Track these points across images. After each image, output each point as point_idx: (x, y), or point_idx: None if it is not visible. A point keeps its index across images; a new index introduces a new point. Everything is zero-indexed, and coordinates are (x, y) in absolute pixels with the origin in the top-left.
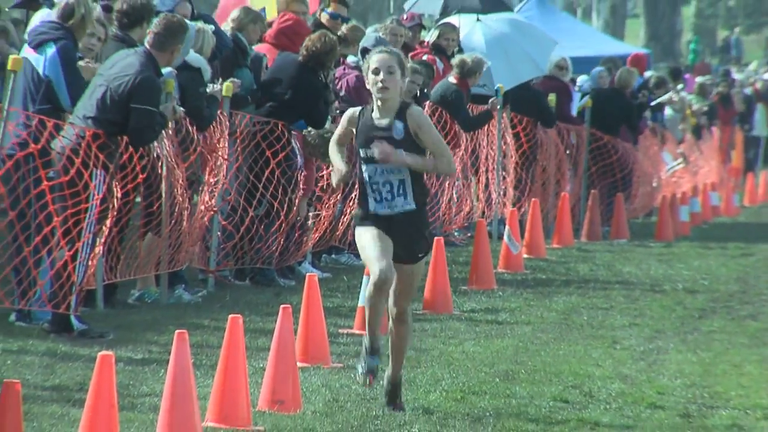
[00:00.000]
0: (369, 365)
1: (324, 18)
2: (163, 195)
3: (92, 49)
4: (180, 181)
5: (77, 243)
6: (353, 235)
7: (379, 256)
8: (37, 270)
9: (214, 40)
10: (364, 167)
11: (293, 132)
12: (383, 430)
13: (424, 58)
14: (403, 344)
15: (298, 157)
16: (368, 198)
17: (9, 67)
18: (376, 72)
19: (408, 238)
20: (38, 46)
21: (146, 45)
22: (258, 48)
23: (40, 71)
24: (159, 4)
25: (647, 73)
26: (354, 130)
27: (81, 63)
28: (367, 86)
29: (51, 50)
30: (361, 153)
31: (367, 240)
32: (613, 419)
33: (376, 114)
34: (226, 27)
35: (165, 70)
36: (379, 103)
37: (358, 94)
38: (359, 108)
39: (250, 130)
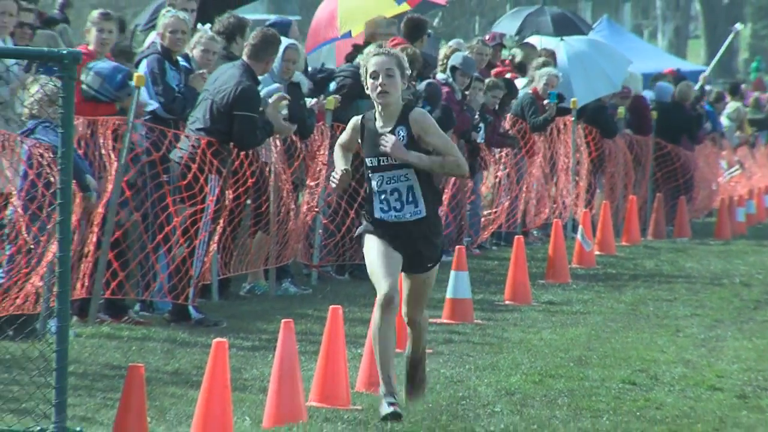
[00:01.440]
0: (389, 401)
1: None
2: (271, 197)
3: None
4: (286, 185)
5: (194, 241)
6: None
7: (385, 275)
8: (158, 265)
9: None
10: (371, 177)
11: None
12: (469, 409)
13: (507, 75)
14: (419, 337)
15: None
16: (375, 205)
17: (134, 83)
18: (374, 76)
19: (418, 247)
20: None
21: (244, 57)
22: None
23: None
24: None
25: (707, 87)
26: (359, 138)
27: (195, 74)
28: (366, 91)
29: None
30: (368, 162)
31: (375, 256)
32: (677, 400)
33: (379, 122)
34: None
35: (273, 86)
36: (380, 108)
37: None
38: (361, 116)
39: None
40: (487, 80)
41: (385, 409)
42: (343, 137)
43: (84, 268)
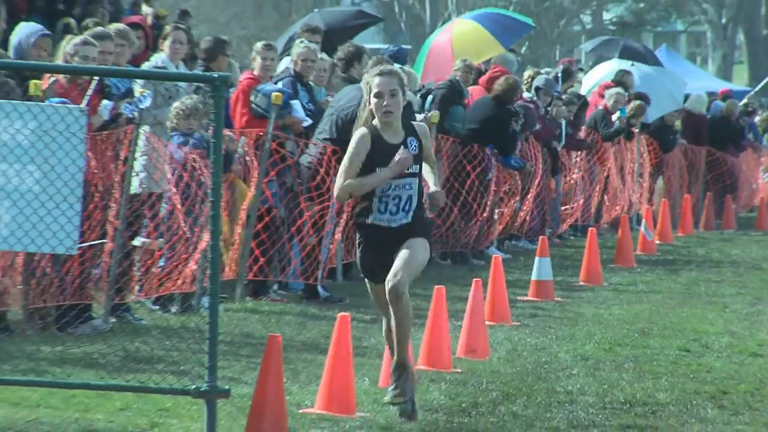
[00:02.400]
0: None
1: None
2: None
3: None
4: None
5: (322, 232)
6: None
7: (385, 312)
8: (292, 252)
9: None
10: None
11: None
12: (550, 371)
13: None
14: (401, 327)
15: (492, 170)
16: (372, 209)
17: (273, 101)
18: (379, 96)
19: (395, 247)
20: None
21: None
22: (471, 90)
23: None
24: None
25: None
26: (367, 151)
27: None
28: (369, 106)
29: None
30: (378, 171)
31: (374, 296)
32: (724, 365)
33: (385, 135)
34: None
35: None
36: (384, 124)
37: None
38: (365, 131)
39: (454, 149)
40: (564, 96)
41: (390, 396)
42: (349, 166)
43: (231, 255)
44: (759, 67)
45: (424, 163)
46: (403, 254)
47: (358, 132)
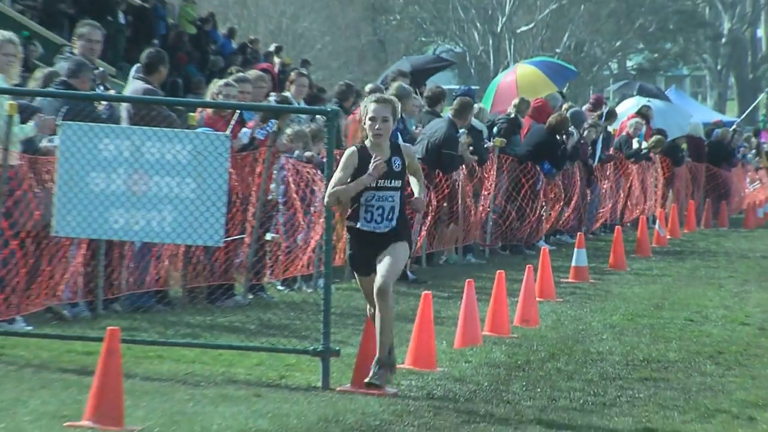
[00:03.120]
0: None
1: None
2: (459, 201)
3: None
4: (469, 194)
5: (410, 229)
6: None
7: (371, 301)
8: None
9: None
10: (365, 194)
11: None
12: (586, 336)
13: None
14: (384, 323)
15: (541, 182)
16: (360, 217)
17: None
18: (372, 120)
19: (386, 244)
20: None
21: (449, 115)
22: (525, 120)
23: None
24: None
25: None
26: (355, 166)
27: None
28: (364, 127)
29: None
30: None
31: (361, 286)
32: (719, 331)
33: (373, 154)
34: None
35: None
36: (373, 145)
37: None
38: (353, 149)
39: (513, 166)
40: (590, 120)
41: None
42: (340, 177)
43: (340, 245)
44: (746, 102)
45: (411, 177)
46: (387, 259)
47: (348, 149)
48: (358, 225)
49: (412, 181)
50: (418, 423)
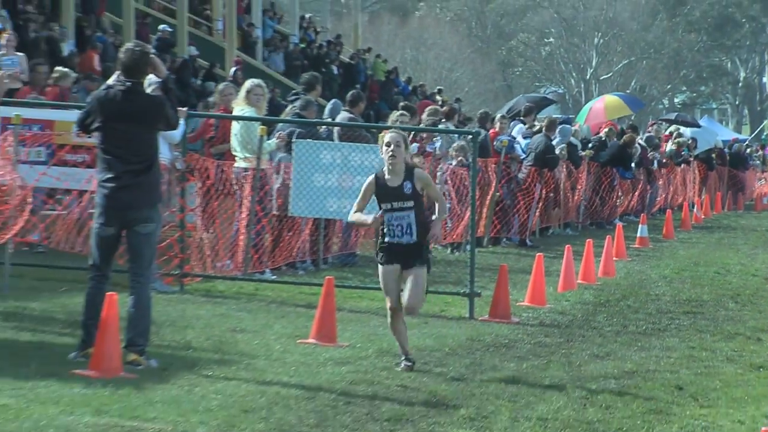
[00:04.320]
0: (407, 364)
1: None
2: (561, 192)
3: None
4: (567, 188)
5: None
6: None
7: (389, 292)
8: (513, 219)
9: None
10: (385, 215)
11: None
12: (646, 284)
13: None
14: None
15: (616, 180)
16: (386, 234)
17: (502, 143)
18: (388, 145)
19: (410, 257)
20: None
21: (543, 130)
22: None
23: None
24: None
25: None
26: (374, 191)
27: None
28: (381, 154)
29: None
30: (384, 206)
31: (383, 279)
32: (737, 280)
33: (387, 176)
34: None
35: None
36: (390, 167)
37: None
38: (373, 176)
39: (597, 170)
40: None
41: (402, 366)
42: (359, 202)
43: (481, 221)
44: (755, 126)
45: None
46: (412, 287)
47: (369, 178)
48: (386, 239)
49: (436, 207)
50: (533, 341)
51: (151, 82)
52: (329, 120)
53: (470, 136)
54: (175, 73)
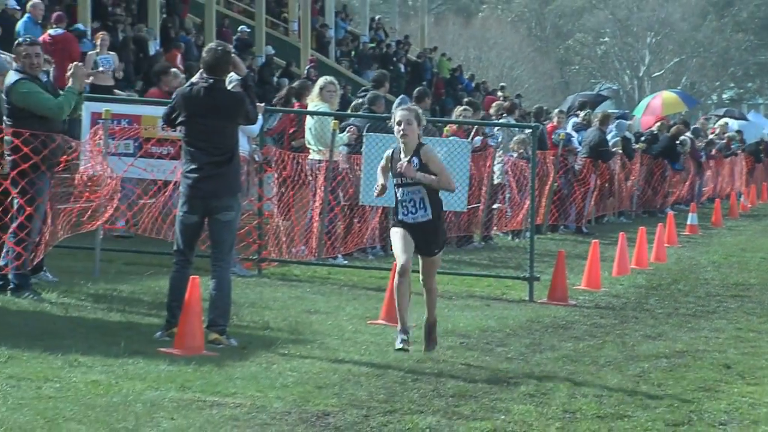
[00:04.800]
0: (402, 339)
1: None
2: (615, 183)
3: None
4: (621, 178)
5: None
6: None
7: (401, 252)
8: (570, 209)
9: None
10: (397, 190)
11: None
12: (695, 268)
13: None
14: (432, 302)
15: (668, 170)
16: (399, 210)
17: (561, 137)
18: (399, 123)
19: (426, 239)
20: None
21: (597, 124)
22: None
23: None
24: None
25: None
26: (390, 165)
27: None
28: (394, 133)
29: None
30: (395, 181)
31: (396, 239)
32: (759, 264)
33: (401, 154)
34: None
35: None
36: (402, 144)
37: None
38: (392, 150)
39: (650, 162)
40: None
41: (398, 344)
42: (382, 163)
43: (541, 210)
44: None
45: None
46: (428, 265)
47: (386, 152)
48: (400, 217)
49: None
50: (589, 322)
51: (231, 79)
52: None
53: (530, 130)
54: (257, 72)
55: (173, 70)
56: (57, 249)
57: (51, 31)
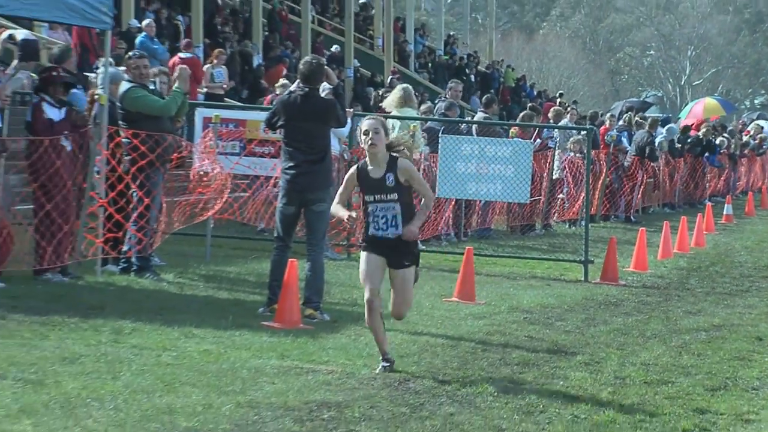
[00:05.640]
0: (385, 366)
1: None
2: (660, 177)
3: None
4: (666, 174)
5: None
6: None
7: (366, 281)
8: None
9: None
10: (368, 206)
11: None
12: (731, 252)
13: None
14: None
15: (706, 166)
16: (369, 226)
17: (613, 138)
18: (366, 134)
19: (396, 252)
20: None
21: (646, 127)
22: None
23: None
24: None
25: None
26: (356, 183)
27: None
28: (361, 144)
29: None
30: (367, 198)
31: (362, 266)
32: None
33: (370, 167)
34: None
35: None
36: (369, 156)
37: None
38: (355, 167)
39: (692, 161)
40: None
41: (380, 368)
42: (341, 193)
43: (594, 201)
44: None
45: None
46: (401, 291)
47: (351, 169)
48: (370, 231)
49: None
50: (637, 300)
51: (324, 88)
52: (469, 119)
53: (585, 132)
54: (352, 86)
55: (284, 81)
56: (173, 236)
57: (182, 54)
